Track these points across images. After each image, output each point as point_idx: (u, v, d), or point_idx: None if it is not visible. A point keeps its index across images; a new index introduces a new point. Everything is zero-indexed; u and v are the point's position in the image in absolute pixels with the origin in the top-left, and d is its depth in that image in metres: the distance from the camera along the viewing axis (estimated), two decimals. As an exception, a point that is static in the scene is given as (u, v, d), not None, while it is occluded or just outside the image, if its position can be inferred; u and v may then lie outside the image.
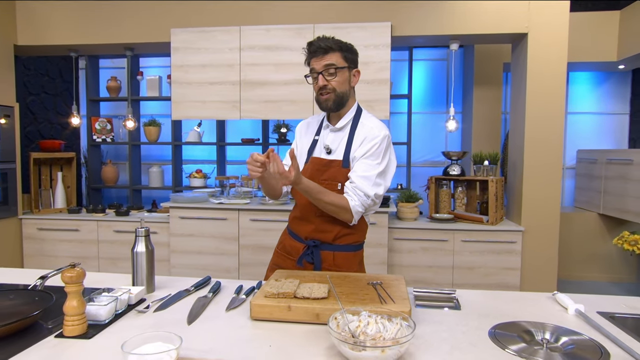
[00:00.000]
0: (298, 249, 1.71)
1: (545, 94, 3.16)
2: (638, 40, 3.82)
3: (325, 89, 1.60)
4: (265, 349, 1.06)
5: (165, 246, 3.53)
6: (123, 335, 1.12)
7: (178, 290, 1.48)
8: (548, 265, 3.23)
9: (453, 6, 3.24)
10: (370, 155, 1.58)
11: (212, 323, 1.22)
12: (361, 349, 0.95)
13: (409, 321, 1.05)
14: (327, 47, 1.59)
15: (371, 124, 1.64)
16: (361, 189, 1.56)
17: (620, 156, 3.76)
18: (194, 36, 3.44)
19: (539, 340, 1.12)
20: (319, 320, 1.20)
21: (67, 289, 1.11)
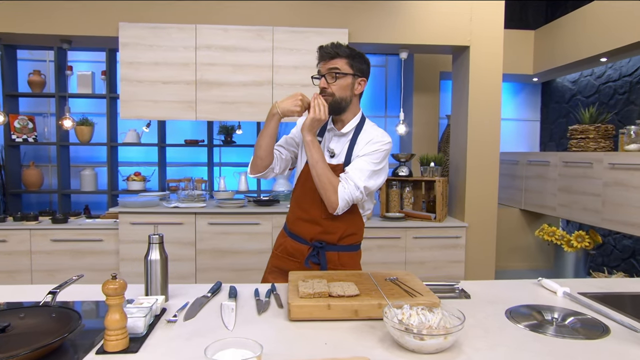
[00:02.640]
0: (302, 251, 1.75)
1: (485, 102, 3.50)
2: (549, 57, 4.38)
3: (324, 92, 1.65)
4: (323, 347, 1.10)
5: (113, 254, 3.30)
6: (168, 346, 1.09)
7: (191, 297, 1.44)
8: (488, 257, 3.59)
9: (404, 17, 3.46)
10: (370, 154, 1.66)
11: (253, 327, 1.22)
12: (428, 338, 1.04)
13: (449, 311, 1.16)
14: (334, 52, 1.64)
15: (376, 131, 1.72)
16: (352, 179, 1.61)
17: (538, 158, 4.28)
18: (146, 32, 3.26)
19: (549, 320, 1.30)
20: (357, 317, 1.26)
21: (109, 302, 1.05)
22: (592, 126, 3.72)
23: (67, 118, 3.46)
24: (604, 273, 3.81)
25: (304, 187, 1.74)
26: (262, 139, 1.70)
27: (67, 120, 3.46)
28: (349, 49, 1.68)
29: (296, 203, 1.79)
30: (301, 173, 1.77)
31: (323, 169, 1.61)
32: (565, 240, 3.86)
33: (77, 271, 3.29)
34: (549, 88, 5.06)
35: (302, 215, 1.75)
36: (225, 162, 4.61)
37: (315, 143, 1.63)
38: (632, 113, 3.94)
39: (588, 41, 3.84)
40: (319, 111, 1.59)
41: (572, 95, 4.69)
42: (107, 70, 4.15)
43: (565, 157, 3.91)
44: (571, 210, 3.83)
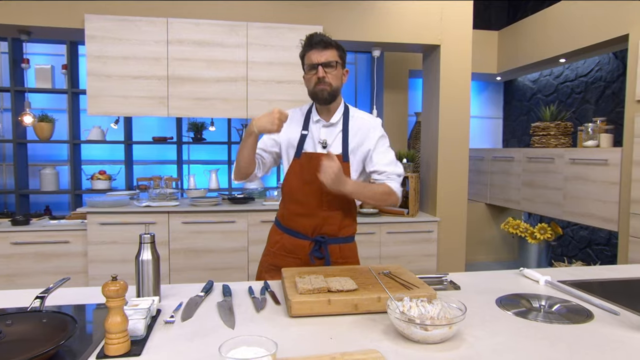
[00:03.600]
0: (303, 246, 1.74)
1: (455, 100, 3.61)
2: (512, 57, 4.57)
3: (323, 81, 1.66)
4: (329, 342, 1.10)
5: (81, 256, 3.16)
6: (170, 348, 1.06)
7: (183, 297, 1.41)
8: (458, 251, 3.71)
9: (378, 16, 3.51)
10: (381, 144, 1.74)
11: (255, 325, 1.21)
12: (433, 328, 1.06)
13: (448, 302, 1.20)
14: (327, 42, 1.67)
15: (363, 115, 1.78)
16: (394, 173, 1.73)
17: (503, 154, 4.46)
18: (114, 25, 3.14)
19: (537, 307, 1.36)
20: (357, 311, 1.27)
21: (110, 304, 1.01)
22: (553, 123, 3.91)
23: (27, 114, 3.28)
24: (565, 262, 4.03)
25: (295, 181, 1.74)
26: (242, 151, 1.68)
27: (27, 116, 3.28)
28: (336, 41, 1.72)
29: (289, 198, 1.78)
30: (289, 169, 1.77)
31: (375, 195, 1.68)
32: (529, 233, 4.05)
33: (41, 275, 3.14)
34: (511, 87, 5.27)
35: (298, 209, 1.74)
36: (195, 160, 4.52)
37: (357, 188, 1.65)
38: (588, 111, 4.18)
39: (548, 43, 4.03)
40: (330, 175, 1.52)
41: (532, 94, 4.91)
42: (69, 64, 3.96)
43: (529, 153, 4.09)
44: (534, 203, 4.02)
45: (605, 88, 3.99)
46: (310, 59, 1.68)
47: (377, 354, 1.00)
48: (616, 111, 3.86)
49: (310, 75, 1.70)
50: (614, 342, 1.11)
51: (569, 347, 1.07)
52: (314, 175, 1.65)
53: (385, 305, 1.27)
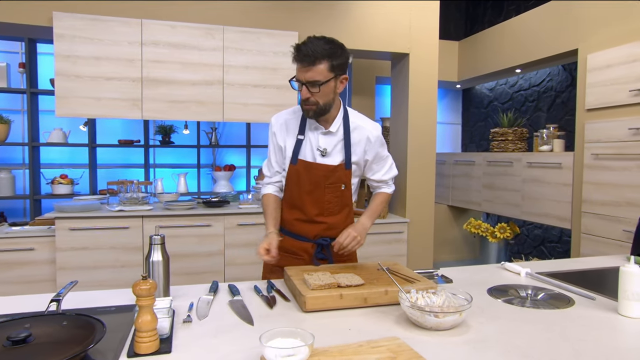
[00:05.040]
0: (306, 248, 1.77)
1: (423, 106, 3.80)
2: (471, 66, 4.85)
3: (308, 102, 1.60)
4: (349, 333, 1.17)
5: (48, 264, 3.04)
6: (199, 345, 1.10)
7: (190, 298, 1.44)
8: (427, 251, 3.89)
9: (351, 24, 3.63)
10: (381, 152, 1.81)
11: (272, 320, 1.26)
12: (444, 316, 1.16)
13: (451, 292, 1.31)
14: (314, 56, 1.51)
15: (365, 124, 1.76)
16: (391, 177, 1.88)
17: (464, 158, 4.72)
18: (85, 24, 3.05)
19: (524, 295, 1.50)
20: (366, 304, 1.35)
21: (140, 303, 1.04)
22: (510, 129, 4.20)
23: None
24: (522, 259, 4.31)
25: (294, 188, 1.75)
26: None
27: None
28: (329, 45, 1.55)
29: (289, 204, 1.79)
30: (287, 176, 1.77)
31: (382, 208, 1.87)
32: (490, 232, 4.31)
33: (3, 285, 2.98)
34: (469, 94, 5.58)
35: (300, 216, 1.76)
36: (161, 164, 4.43)
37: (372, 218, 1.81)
38: (540, 118, 4.51)
39: (506, 54, 4.33)
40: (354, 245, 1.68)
41: (489, 102, 5.22)
42: (27, 62, 3.78)
43: (489, 157, 4.36)
44: (494, 204, 4.29)
45: (555, 97, 4.33)
46: (297, 73, 1.59)
47: (399, 340, 1.09)
48: (565, 118, 4.20)
49: (299, 89, 1.63)
50: (595, 322, 1.26)
51: (561, 328, 1.21)
52: (313, 184, 1.70)
53: (392, 298, 1.37)
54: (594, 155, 3.26)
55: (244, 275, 3.33)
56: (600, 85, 3.24)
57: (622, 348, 1.10)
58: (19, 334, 0.99)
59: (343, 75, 1.64)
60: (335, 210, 1.76)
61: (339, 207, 1.76)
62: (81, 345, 0.97)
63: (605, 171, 3.18)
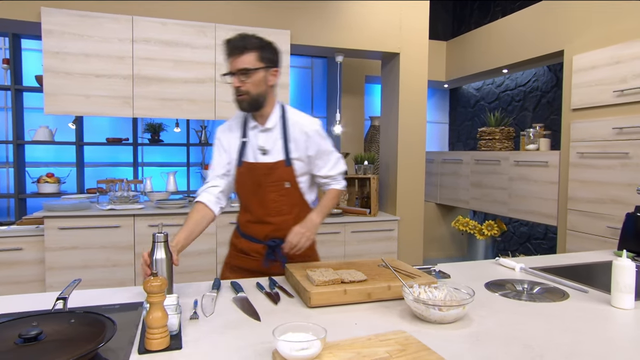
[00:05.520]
0: (258, 250, 1.76)
1: (413, 105, 3.84)
2: (458, 66, 4.93)
3: (239, 91, 1.61)
4: (354, 327, 1.20)
5: (36, 264, 2.99)
6: (208, 341, 1.11)
7: (193, 295, 1.44)
8: (416, 248, 3.94)
9: (342, 23, 3.66)
10: (324, 148, 1.76)
11: (278, 316, 1.28)
12: (448, 309, 1.20)
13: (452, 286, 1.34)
14: (242, 47, 1.57)
15: (302, 119, 1.75)
16: (339, 172, 1.83)
17: (452, 157, 4.79)
18: (74, 20, 3.01)
19: (521, 290, 1.55)
20: (369, 299, 1.38)
21: (151, 299, 1.04)
22: (498, 129, 4.28)
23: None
24: (509, 256, 4.40)
25: (241, 191, 1.77)
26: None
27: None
28: (258, 39, 1.61)
29: (242, 207, 1.81)
30: (235, 180, 1.77)
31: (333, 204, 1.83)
32: (478, 230, 4.39)
33: None
34: (456, 94, 5.66)
35: (250, 217, 1.77)
36: (150, 162, 4.40)
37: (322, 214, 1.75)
38: (526, 118, 4.61)
39: (493, 54, 4.41)
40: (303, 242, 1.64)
41: (476, 101, 5.31)
42: (12, 58, 3.71)
43: (476, 156, 4.44)
44: (482, 202, 4.37)
45: (541, 97, 4.43)
46: (228, 66, 1.62)
47: (406, 333, 1.11)
48: (551, 118, 4.30)
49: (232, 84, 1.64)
50: (590, 314, 1.31)
51: (559, 320, 1.25)
52: (256, 185, 1.70)
53: (395, 293, 1.40)
54: (580, 153, 3.35)
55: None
56: (585, 86, 3.33)
57: (618, 338, 1.15)
58: (30, 331, 0.99)
59: (274, 67, 1.67)
60: (284, 210, 1.73)
61: (287, 207, 1.73)
62: (93, 343, 0.97)
63: (590, 169, 3.27)
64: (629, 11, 3.10)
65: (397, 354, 1.01)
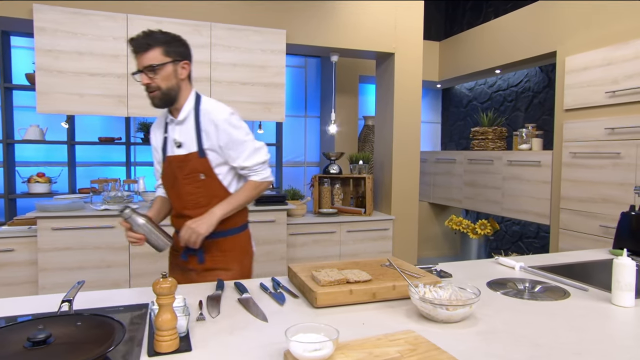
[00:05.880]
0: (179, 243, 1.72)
1: (407, 105, 3.87)
2: (451, 66, 4.96)
3: (149, 87, 1.62)
4: (362, 327, 1.20)
5: (29, 265, 2.95)
6: (217, 342, 1.10)
7: (196, 297, 1.43)
8: (411, 247, 3.96)
9: (337, 23, 3.66)
10: (234, 137, 1.68)
11: (285, 316, 1.28)
12: (454, 309, 1.21)
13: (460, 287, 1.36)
14: (146, 44, 1.58)
15: (213, 108, 1.69)
16: (256, 162, 1.72)
17: (446, 156, 4.83)
18: (67, 17, 2.96)
19: (522, 288, 1.57)
20: (374, 299, 1.39)
21: (161, 301, 1.03)
22: (491, 128, 4.32)
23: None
24: (502, 255, 4.45)
25: (165, 185, 1.80)
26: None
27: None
28: (163, 34, 1.62)
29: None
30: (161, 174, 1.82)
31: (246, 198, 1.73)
32: (471, 229, 4.43)
33: None
34: (449, 94, 5.70)
35: (173, 212, 1.80)
36: (142, 162, 4.36)
37: (225, 208, 1.68)
38: (518, 118, 4.66)
39: (486, 55, 4.45)
40: (191, 238, 1.63)
41: (468, 101, 5.36)
42: (1, 56, 3.65)
43: (470, 155, 4.47)
44: (475, 201, 4.41)
45: (533, 97, 4.49)
46: (136, 64, 1.62)
47: (415, 333, 1.12)
48: (542, 118, 4.35)
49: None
50: (592, 312, 1.33)
51: (563, 318, 1.27)
52: (172, 178, 1.72)
53: (399, 293, 1.41)
54: (572, 153, 3.40)
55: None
56: (577, 87, 3.38)
57: (621, 336, 1.17)
58: (38, 335, 0.97)
59: (183, 60, 1.68)
60: (201, 202, 1.71)
61: (205, 199, 1.71)
62: (102, 346, 0.96)
63: (582, 169, 3.32)
64: (621, 14, 3.16)
65: (408, 353, 1.01)
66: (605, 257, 2.05)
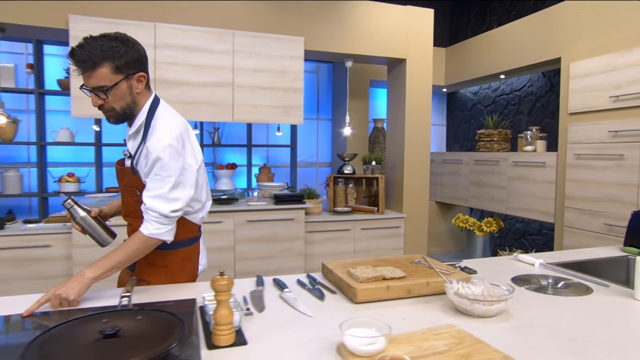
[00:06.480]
0: None
1: (418, 108, 3.86)
2: (457, 72, 4.95)
3: (102, 108, 1.39)
4: (402, 321, 1.21)
5: (64, 260, 2.96)
6: (270, 337, 1.10)
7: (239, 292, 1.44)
8: (421, 244, 3.96)
9: (352, 31, 3.66)
10: (157, 170, 1.39)
11: (327, 311, 1.28)
12: (489, 304, 1.21)
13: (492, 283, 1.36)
14: (92, 60, 1.28)
15: (157, 129, 1.41)
16: (155, 210, 1.38)
17: (452, 157, 4.82)
18: (101, 27, 2.97)
19: (546, 284, 1.57)
20: (410, 294, 1.39)
21: (219, 297, 1.04)
22: (496, 131, 4.31)
23: (1, 114, 3.00)
24: (507, 251, 4.45)
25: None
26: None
27: (1, 116, 3.00)
28: (109, 44, 1.30)
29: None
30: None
31: (127, 253, 1.39)
32: (477, 226, 4.42)
33: (19, 281, 2.89)
34: (453, 97, 5.69)
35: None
36: (165, 162, 4.36)
37: (100, 269, 1.34)
38: (522, 121, 4.65)
39: (491, 61, 4.44)
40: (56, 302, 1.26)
41: (473, 104, 5.35)
42: (36, 63, 3.66)
43: (476, 156, 4.47)
44: (481, 200, 4.40)
45: (535, 101, 4.48)
46: (83, 79, 1.34)
47: (456, 327, 1.13)
48: (545, 121, 4.34)
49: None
50: (618, 307, 1.33)
51: (591, 313, 1.27)
52: (120, 187, 1.56)
53: (433, 289, 1.41)
54: (577, 155, 3.39)
55: (253, 269, 3.33)
56: (582, 92, 3.37)
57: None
58: (107, 328, 0.98)
59: (137, 73, 1.40)
60: (136, 213, 1.50)
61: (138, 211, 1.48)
62: (167, 341, 0.96)
63: (586, 170, 3.32)
64: (624, 22, 3.15)
65: (455, 347, 1.02)
66: (617, 254, 2.04)
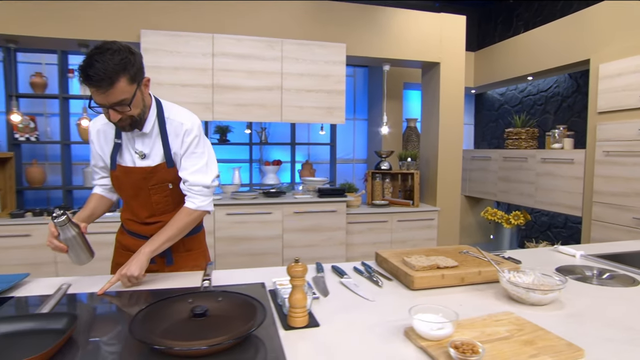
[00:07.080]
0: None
1: (451, 108, 3.76)
2: (486, 74, 4.78)
3: (121, 120, 1.29)
4: (460, 307, 1.17)
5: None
6: (339, 319, 1.09)
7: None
8: (454, 235, 3.87)
9: (389, 36, 3.60)
10: (192, 148, 1.42)
11: (387, 297, 1.26)
12: (543, 293, 1.16)
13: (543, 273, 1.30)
14: (109, 76, 1.19)
15: (177, 117, 1.42)
16: (198, 183, 1.41)
17: (481, 154, 4.68)
18: (166, 39, 3.05)
19: (590, 275, 1.49)
20: (462, 283, 1.35)
21: (295, 282, 1.04)
22: (524, 129, 4.15)
23: (85, 118, 3.14)
24: (533, 243, 4.28)
25: (121, 193, 1.50)
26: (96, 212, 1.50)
27: (84, 119, 3.14)
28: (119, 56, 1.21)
29: (124, 206, 1.54)
30: (112, 182, 1.50)
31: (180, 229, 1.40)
32: (505, 219, 4.28)
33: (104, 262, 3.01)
34: (481, 98, 5.51)
35: (132, 217, 1.51)
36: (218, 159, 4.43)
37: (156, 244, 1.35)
38: (548, 120, 4.45)
39: (519, 63, 4.26)
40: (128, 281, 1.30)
41: (500, 105, 5.16)
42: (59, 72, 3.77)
43: (504, 154, 4.31)
44: (509, 195, 4.25)
45: (562, 101, 4.27)
46: (95, 97, 1.23)
47: (514, 314, 1.08)
48: (571, 120, 4.14)
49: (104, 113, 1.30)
50: (669, 300, 1.25)
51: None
52: (136, 188, 1.44)
53: (484, 277, 1.37)
54: (605, 152, 3.21)
55: (299, 256, 3.35)
56: (611, 92, 3.19)
57: None
58: (197, 308, 1.00)
59: (144, 78, 1.34)
60: (168, 208, 1.48)
61: (172, 205, 1.48)
62: (250, 322, 0.96)
63: (615, 166, 3.14)
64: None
65: (517, 333, 0.98)
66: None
